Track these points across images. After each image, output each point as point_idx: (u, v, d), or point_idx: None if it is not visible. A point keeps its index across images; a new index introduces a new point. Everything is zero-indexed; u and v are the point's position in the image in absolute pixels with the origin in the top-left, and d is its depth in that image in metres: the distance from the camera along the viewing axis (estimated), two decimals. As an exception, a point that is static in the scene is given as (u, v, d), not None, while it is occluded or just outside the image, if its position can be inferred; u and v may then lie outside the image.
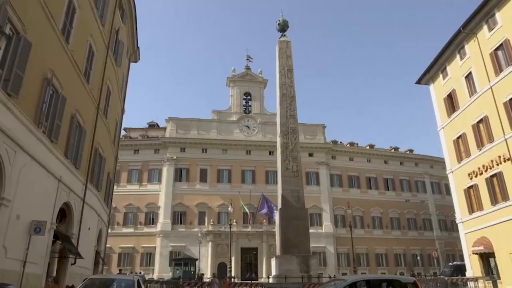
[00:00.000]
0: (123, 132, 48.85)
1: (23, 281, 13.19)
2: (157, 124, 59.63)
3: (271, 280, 25.96)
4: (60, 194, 17.17)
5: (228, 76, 57.82)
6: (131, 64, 34.75)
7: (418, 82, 38.40)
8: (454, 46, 32.95)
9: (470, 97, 31.09)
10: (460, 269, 34.07)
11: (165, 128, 54.83)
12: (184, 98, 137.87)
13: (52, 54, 15.37)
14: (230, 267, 39.27)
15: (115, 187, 36.36)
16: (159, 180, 50.43)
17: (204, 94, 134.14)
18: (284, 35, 30.86)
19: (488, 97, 28.64)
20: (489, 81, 28.47)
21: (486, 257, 29.66)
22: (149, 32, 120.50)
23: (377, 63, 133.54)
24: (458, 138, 32.83)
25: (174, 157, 50.97)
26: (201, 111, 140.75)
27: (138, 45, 33.77)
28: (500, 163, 27.21)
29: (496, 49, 27.98)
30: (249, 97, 57.16)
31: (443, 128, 35.24)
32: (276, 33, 31.27)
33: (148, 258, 46.81)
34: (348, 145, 58.47)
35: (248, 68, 58.67)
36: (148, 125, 59.74)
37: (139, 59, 35.53)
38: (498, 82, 27.61)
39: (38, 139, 14.50)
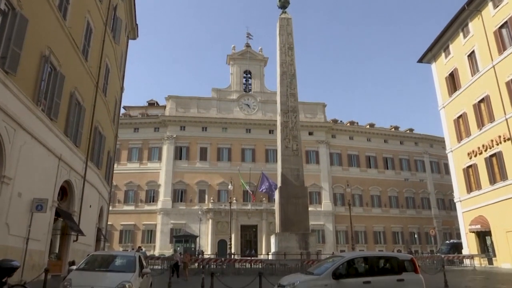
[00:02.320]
0: (122, 110, 48.60)
1: (26, 257, 13.41)
2: (156, 103, 59.30)
3: (270, 257, 26.40)
4: (60, 172, 17.25)
5: (228, 54, 57.20)
6: (130, 41, 34.28)
7: (420, 60, 38.03)
8: (457, 24, 32.44)
9: (472, 76, 30.83)
10: (457, 247, 34.60)
11: (164, 107, 54.60)
12: (183, 76, 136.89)
13: (49, 31, 15.12)
14: (230, 244, 39.86)
15: (115, 165, 36.47)
16: (159, 158, 50.59)
17: (204, 72, 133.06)
18: (285, 12, 30.35)
19: (490, 76, 28.41)
20: (492, 60, 28.16)
21: (483, 236, 30.08)
22: (148, 9, 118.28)
23: (378, 41, 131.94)
24: (458, 117, 32.75)
25: (174, 136, 50.96)
26: (201, 89, 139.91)
27: (137, 22, 33.25)
28: (500, 142, 27.24)
29: (501, 27, 27.54)
30: (249, 75, 56.68)
31: (444, 107, 35.11)
32: (277, 10, 30.79)
33: (149, 235, 47.44)
34: (348, 124, 58.36)
35: (248, 45, 57.96)
36: (147, 104, 59.43)
37: (137, 36, 35.04)
38: (501, 61, 27.32)
39: (38, 117, 14.44)
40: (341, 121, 58.98)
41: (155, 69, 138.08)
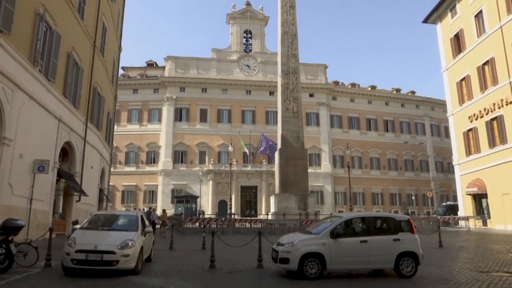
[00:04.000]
0: (121, 71, 47.97)
1: (31, 217, 13.70)
2: (155, 63, 58.41)
3: (270, 217, 26.93)
4: (61, 134, 17.28)
5: (227, 13, 55.60)
6: (127, -2, 33.24)
7: (425, 21, 37.02)
8: (466, -19, 31.29)
9: (478, 37, 30.13)
10: (453, 209, 35.28)
11: (164, 67, 53.80)
12: (182, 36, 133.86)
13: (43, -13, 14.60)
14: (230, 205, 40.61)
15: (115, 127, 36.46)
16: (159, 120, 50.48)
17: (203, 32, 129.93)
18: (287, -32, 29.12)
19: (496, 38, 27.76)
20: (500, 20, 27.40)
21: (479, 198, 30.61)
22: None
23: (382, 0, 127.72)
24: (461, 80, 32.34)
25: (174, 97, 50.58)
26: (200, 49, 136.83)
27: (133, -22, 32.04)
28: (502, 106, 27.07)
29: (511, -15, 26.55)
30: (249, 35, 55.38)
31: (447, 69, 34.59)
32: (279, -34, 29.42)
33: (151, 195, 48.23)
34: (350, 86, 57.70)
35: (248, 4, 56.18)
36: (146, 64, 58.53)
37: (134, -7, 33.91)
38: (509, 21, 26.57)
39: (35, 77, 14.25)
40: (342, 83, 58.26)
41: (153, 28, 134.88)
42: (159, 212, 34.94)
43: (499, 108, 27.36)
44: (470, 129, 31.09)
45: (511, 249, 14.28)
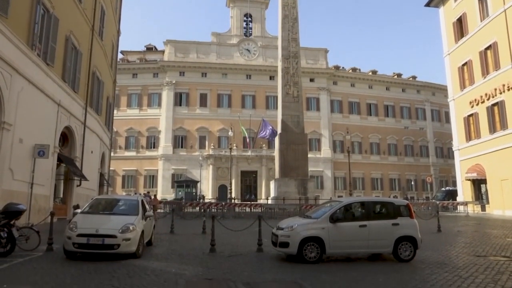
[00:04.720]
0: (120, 55, 47.57)
1: (32, 202, 13.77)
2: (155, 47, 57.84)
3: (270, 201, 27.11)
4: (60, 118, 17.24)
5: (228, -5, 54.84)
6: (125, -19, 32.71)
7: (428, 4, 36.52)
8: (470, -36, 30.74)
9: (481, 21, 29.75)
10: (452, 194, 35.45)
11: (163, 51, 53.33)
12: (182, 20, 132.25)
13: (40, -31, 14.34)
14: (231, 189, 40.81)
15: (115, 112, 36.32)
16: (159, 104, 50.31)
17: (203, 15, 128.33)
18: (288, -50, 28.59)
19: (500, 22, 27.42)
20: (504, 4, 27.01)
21: (478, 183, 30.72)
22: None
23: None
24: (463, 65, 32.09)
25: (173, 81, 50.29)
26: (200, 33, 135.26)
27: (131, -40, 31.49)
28: (504, 91, 26.92)
29: (515, -33, 26.10)
30: (249, 19, 54.69)
31: (449, 54, 34.28)
32: None
33: (151, 180, 48.42)
34: (350, 71, 57.29)
35: (249, -14, 55.33)
36: (145, 48, 57.97)
37: (133, -24, 33.38)
38: (512, 5, 26.23)
39: (34, 62, 14.14)
40: (343, 67, 57.83)
41: (152, 12, 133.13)
42: (159, 197, 35.06)
43: (501, 93, 27.22)
44: (471, 115, 31.01)
45: (509, 234, 14.41)
